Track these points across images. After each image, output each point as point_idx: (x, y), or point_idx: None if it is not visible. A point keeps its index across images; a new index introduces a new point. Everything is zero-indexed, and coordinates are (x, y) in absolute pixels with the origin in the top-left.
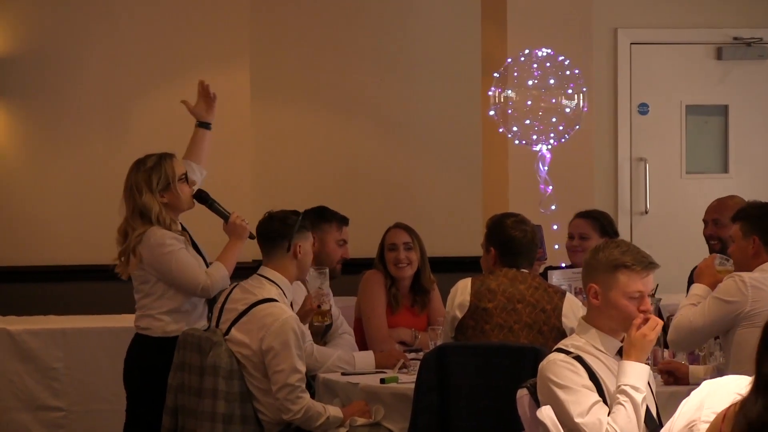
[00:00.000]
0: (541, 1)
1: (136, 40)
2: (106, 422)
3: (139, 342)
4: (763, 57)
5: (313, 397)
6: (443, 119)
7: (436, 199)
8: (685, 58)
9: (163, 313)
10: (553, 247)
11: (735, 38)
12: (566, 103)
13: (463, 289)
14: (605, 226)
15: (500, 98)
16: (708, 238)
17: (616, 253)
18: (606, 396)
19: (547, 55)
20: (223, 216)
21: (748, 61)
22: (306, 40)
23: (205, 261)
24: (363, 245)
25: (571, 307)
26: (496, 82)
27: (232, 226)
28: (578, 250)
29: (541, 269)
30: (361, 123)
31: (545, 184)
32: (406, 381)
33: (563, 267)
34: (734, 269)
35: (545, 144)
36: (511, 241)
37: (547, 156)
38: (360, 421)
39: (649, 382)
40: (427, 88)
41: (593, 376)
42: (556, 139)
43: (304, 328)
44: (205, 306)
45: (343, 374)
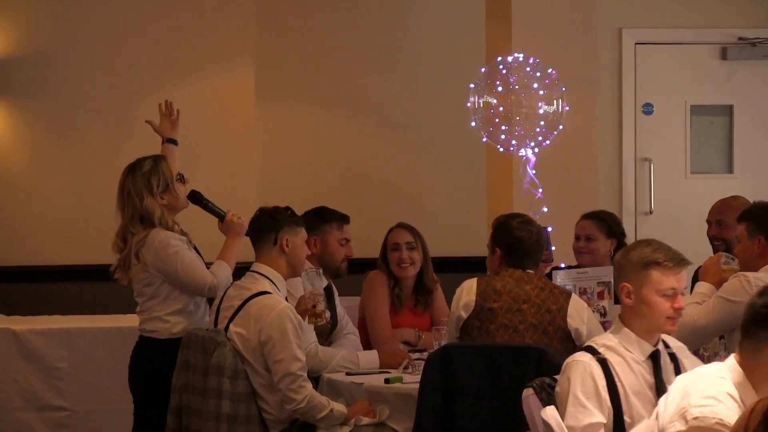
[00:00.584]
0: (545, 2)
1: (140, 40)
2: (111, 422)
3: (145, 345)
4: None
5: None
6: (447, 119)
7: (440, 199)
8: (690, 58)
9: (170, 314)
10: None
11: (740, 38)
12: (545, 105)
13: (468, 290)
14: (612, 227)
15: (479, 104)
16: (712, 239)
17: (648, 250)
18: (622, 402)
19: (521, 59)
20: (218, 215)
21: (753, 61)
22: (310, 40)
23: (202, 257)
24: (366, 245)
25: (576, 308)
26: (474, 91)
27: (229, 224)
28: (584, 251)
29: (547, 270)
30: (365, 123)
31: (534, 188)
32: (411, 381)
33: (563, 267)
34: (739, 269)
35: (530, 148)
36: (517, 242)
37: (532, 160)
38: (364, 420)
39: None
40: (431, 88)
41: (612, 384)
42: (539, 143)
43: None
44: (206, 305)
45: (348, 374)
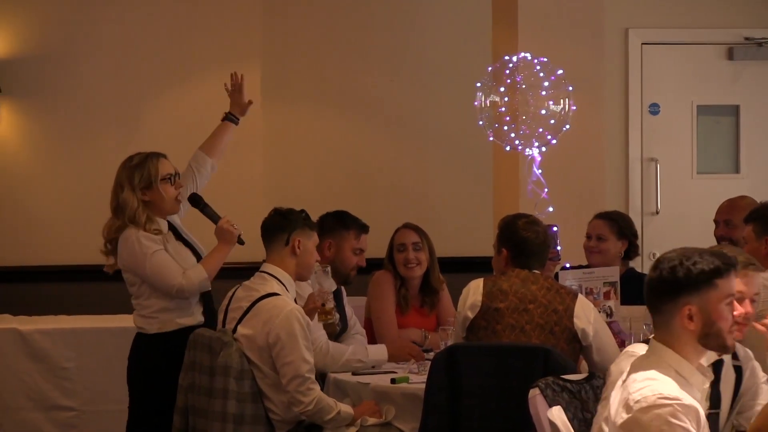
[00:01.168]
0: (551, 2)
1: (147, 40)
2: (117, 422)
3: (139, 340)
4: None
5: None
6: (453, 120)
7: (447, 199)
8: (697, 59)
9: (155, 312)
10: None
11: (746, 38)
12: (552, 104)
13: (474, 290)
14: (623, 228)
15: (486, 104)
16: (719, 239)
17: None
18: None
19: (529, 58)
20: (214, 220)
21: (760, 62)
22: (317, 41)
23: (199, 254)
24: (373, 246)
25: (583, 309)
26: (481, 90)
27: (220, 231)
28: (595, 250)
29: (557, 269)
30: (371, 123)
31: (538, 188)
32: (417, 381)
33: (567, 267)
34: None
35: (536, 148)
36: (523, 242)
37: (538, 159)
38: (371, 420)
39: None
40: (438, 89)
41: None
42: (546, 142)
43: (310, 321)
44: (199, 303)
45: (354, 374)
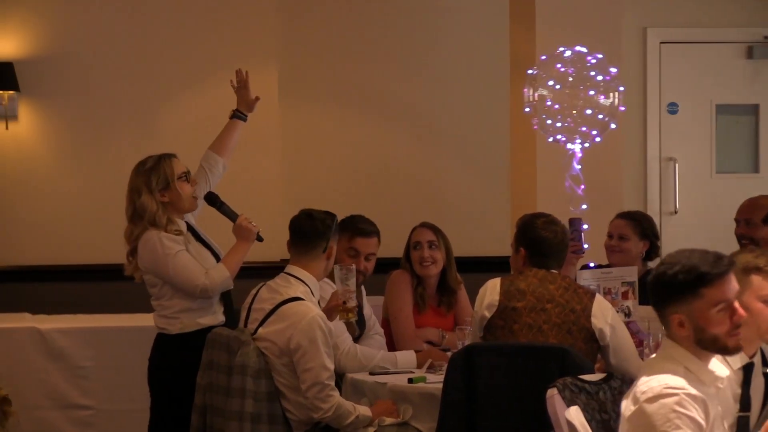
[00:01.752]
0: (569, 1)
1: (164, 41)
2: (135, 421)
3: (160, 340)
4: None
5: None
6: (471, 119)
7: (464, 198)
8: (715, 57)
9: (176, 313)
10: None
11: (766, 37)
12: (602, 101)
13: (492, 289)
14: (646, 228)
15: (534, 96)
16: (739, 238)
17: (749, 257)
18: None
19: (582, 53)
20: (232, 218)
21: None
22: (333, 41)
23: (217, 254)
24: (390, 245)
25: (601, 308)
26: (530, 79)
27: (239, 228)
28: (616, 250)
29: (579, 265)
30: (389, 123)
31: (576, 183)
32: (434, 381)
33: (591, 267)
34: None
35: (579, 143)
36: (541, 242)
37: (578, 155)
38: (388, 420)
39: None
40: (456, 89)
41: None
42: (590, 139)
43: (332, 326)
44: (220, 302)
45: (371, 374)
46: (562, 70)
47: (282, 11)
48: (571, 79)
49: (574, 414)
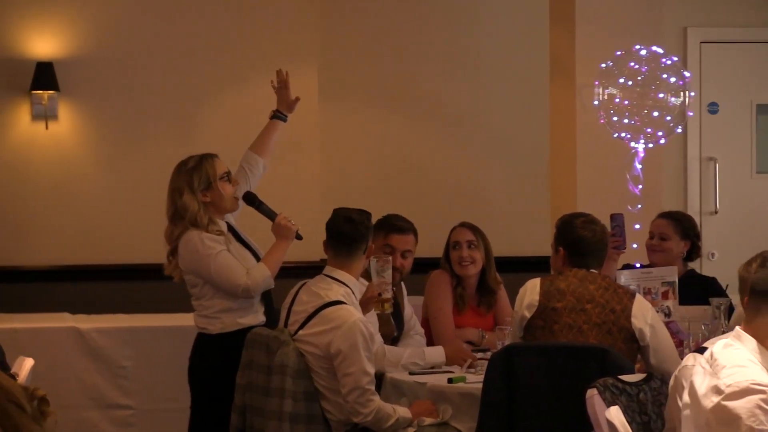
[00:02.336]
0: (610, 1)
1: (204, 42)
2: (175, 420)
3: (200, 340)
4: None
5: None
6: (511, 119)
7: (504, 198)
8: (756, 57)
9: (217, 312)
10: (631, 245)
11: None
12: (672, 103)
13: (532, 289)
14: (687, 228)
15: (603, 95)
16: None
17: None
18: None
19: (658, 53)
20: (270, 217)
21: None
22: (373, 41)
23: (257, 254)
24: (430, 245)
25: (641, 308)
26: (601, 73)
27: (278, 227)
28: (657, 249)
29: (620, 263)
30: (428, 123)
31: (635, 183)
32: (474, 381)
33: (637, 267)
34: None
35: (643, 143)
36: (580, 241)
37: (641, 154)
38: (428, 420)
39: None
40: (495, 89)
41: None
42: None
43: (373, 330)
44: (261, 302)
45: (411, 374)
46: (635, 68)
47: (322, 12)
48: (641, 78)
49: (615, 414)
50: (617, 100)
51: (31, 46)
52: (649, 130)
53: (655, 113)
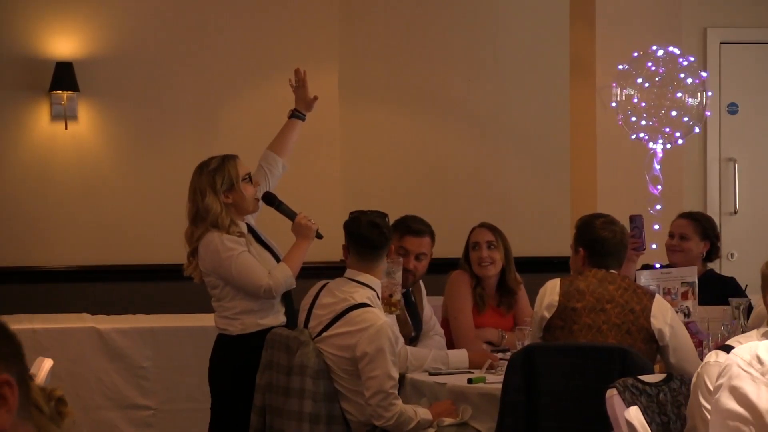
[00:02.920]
0: (630, 1)
1: (225, 41)
2: (195, 421)
3: (221, 341)
4: None
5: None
6: (531, 120)
7: (524, 199)
8: None
9: (237, 314)
10: (651, 246)
11: None
12: (690, 104)
13: (551, 290)
14: (707, 229)
15: (622, 95)
16: None
17: None
18: None
19: (675, 54)
20: (290, 217)
21: None
22: (394, 41)
23: (276, 255)
24: (449, 245)
25: (660, 309)
26: (619, 75)
27: (299, 227)
28: (677, 249)
29: (639, 264)
30: (449, 123)
31: (654, 183)
32: (494, 381)
33: (657, 267)
34: None
35: (662, 143)
36: (600, 242)
37: (659, 155)
38: (447, 421)
39: None
40: (516, 89)
41: None
42: (673, 140)
43: (398, 334)
44: (282, 303)
45: (431, 374)
46: (653, 69)
47: (343, 13)
48: (659, 79)
49: (634, 414)
50: (635, 101)
51: (51, 47)
52: (667, 130)
53: (673, 113)
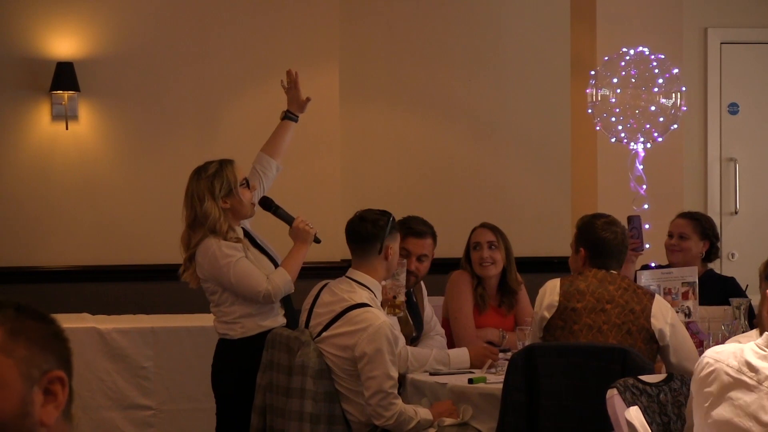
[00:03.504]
0: (630, 1)
1: (226, 42)
2: (196, 421)
3: (222, 346)
4: None
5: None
6: (532, 120)
7: (525, 199)
8: None
9: (237, 318)
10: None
11: None
12: (664, 102)
13: (551, 290)
14: (706, 229)
15: (597, 96)
16: None
17: None
18: None
19: (645, 54)
20: (288, 221)
21: None
22: (394, 42)
23: (274, 258)
24: (450, 245)
25: (660, 309)
26: (593, 79)
27: (296, 231)
28: (676, 249)
29: (639, 264)
30: (450, 123)
31: (638, 183)
32: (494, 381)
33: (653, 267)
34: None
35: (642, 143)
36: (601, 243)
37: (641, 154)
38: (448, 421)
39: None
40: (516, 89)
41: None
42: (652, 139)
43: (398, 333)
44: (281, 304)
45: (431, 374)
46: (623, 73)
47: (343, 13)
48: (634, 80)
49: (634, 414)
50: (613, 101)
51: (52, 47)
52: (647, 127)
53: (651, 110)
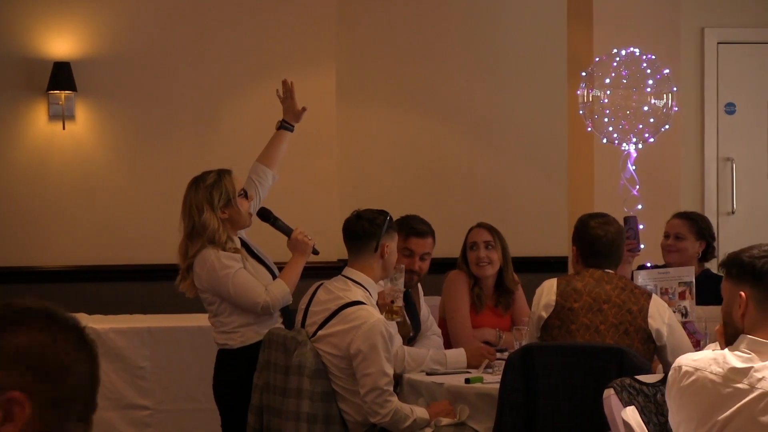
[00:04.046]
0: (627, 1)
1: (223, 43)
2: (193, 421)
3: (223, 356)
4: None
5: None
6: (529, 119)
7: (522, 199)
8: None
9: (236, 327)
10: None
11: None
12: (655, 102)
13: (548, 290)
14: (702, 229)
15: (588, 97)
16: None
17: None
18: None
19: (636, 54)
20: (286, 233)
21: None
22: (391, 42)
23: (271, 270)
24: (447, 245)
25: (657, 309)
26: (584, 80)
27: (295, 242)
28: (672, 249)
29: (634, 264)
30: (447, 123)
31: (631, 184)
32: (491, 381)
33: (648, 267)
34: None
35: (633, 144)
36: (595, 242)
37: (633, 155)
38: (445, 421)
39: None
40: (513, 89)
41: None
42: (643, 139)
43: (394, 333)
44: (278, 313)
45: (428, 374)
46: (614, 74)
47: (341, 14)
48: (625, 81)
49: (631, 414)
50: (605, 101)
51: (48, 46)
52: (639, 127)
53: (643, 110)
